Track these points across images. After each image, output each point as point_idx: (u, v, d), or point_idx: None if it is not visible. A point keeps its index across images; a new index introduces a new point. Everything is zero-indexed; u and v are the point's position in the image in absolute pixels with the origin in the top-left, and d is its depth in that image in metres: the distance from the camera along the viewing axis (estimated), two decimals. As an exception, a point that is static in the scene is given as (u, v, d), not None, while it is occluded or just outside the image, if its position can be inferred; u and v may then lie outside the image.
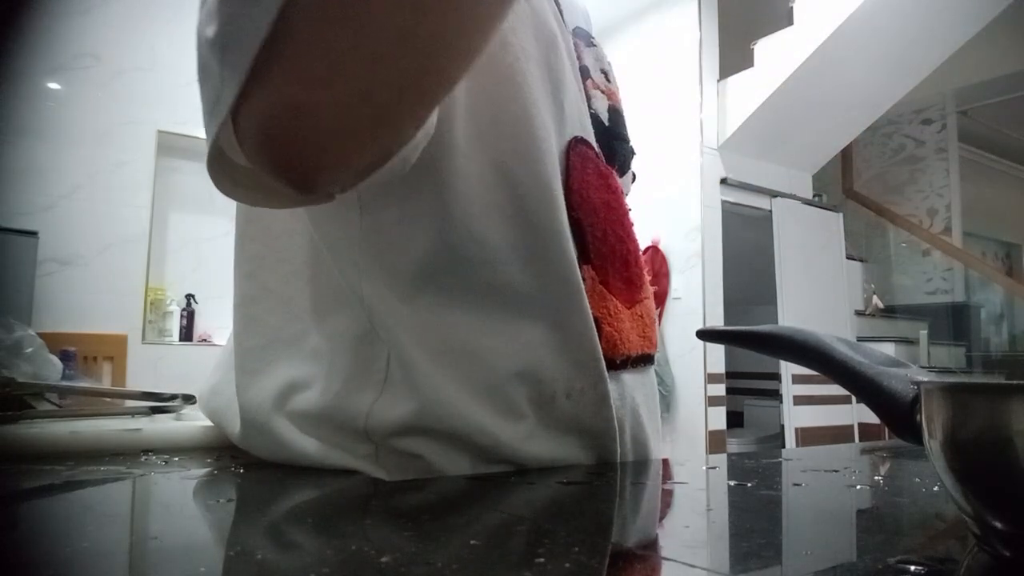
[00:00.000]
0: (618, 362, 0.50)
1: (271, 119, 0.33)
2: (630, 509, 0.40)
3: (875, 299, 4.79)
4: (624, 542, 0.31)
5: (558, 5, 0.53)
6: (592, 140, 0.53)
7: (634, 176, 0.62)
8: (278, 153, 0.34)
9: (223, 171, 0.37)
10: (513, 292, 0.46)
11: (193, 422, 0.59)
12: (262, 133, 0.33)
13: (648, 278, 0.57)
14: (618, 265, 0.52)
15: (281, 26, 0.29)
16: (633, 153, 0.60)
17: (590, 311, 0.47)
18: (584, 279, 0.48)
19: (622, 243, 0.52)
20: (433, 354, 0.44)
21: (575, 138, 0.50)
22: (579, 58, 0.56)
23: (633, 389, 0.52)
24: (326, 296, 0.48)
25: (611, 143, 0.56)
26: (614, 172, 0.55)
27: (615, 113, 0.58)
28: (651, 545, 0.31)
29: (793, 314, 3.96)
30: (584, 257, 0.49)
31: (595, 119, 0.55)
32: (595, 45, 0.60)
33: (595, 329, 0.47)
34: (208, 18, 0.32)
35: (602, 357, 0.48)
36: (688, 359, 3.86)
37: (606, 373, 0.48)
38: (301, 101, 0.32)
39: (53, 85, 3.12)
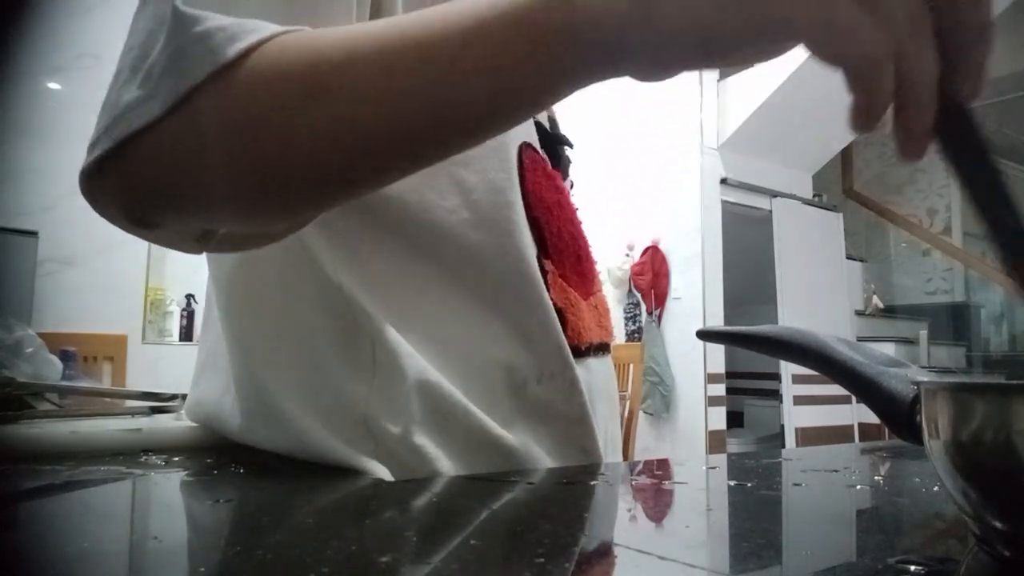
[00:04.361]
0: (583, 349, 0.53)
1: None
2: (630, 509, 0.40)
3: (875, 299, 4.79)
4: (624, 542, 0.31)
5: None
6: (537, 145, 0.56)
7: (571, 183, 0.64)
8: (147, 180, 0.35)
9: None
10: (478, 287, 0.49)
11: (193, 422, 0.59)
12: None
13: (598, 274, 0.61)
14: (572, 260, 0.56)
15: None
16: (569, 161, 0.64)
17: (550, 302, 0.50)
18: (546, 272, 0.51)
19: (574, 240, 0.57)
20: (414, 342, 0.47)
21: (524, 143, 0.53)
22: None
23: (598, 374, 0.56)
24: (301, 291, 0.49)
25: (554, 147, 0.59)
26: (559, 174, 0.59)
27: (552, 120, 0.62)
28: (651, 545, 0.31)
29: (793, 314, 3.96)
30: (543, 252, 0.52)
31: (538, 125, 0.58)
32: None
33: (557, 319, 0.50)
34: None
35: (566, 344, 0.51)
36: (688, 359, 3.86)
37: (572, 360, 0.51)
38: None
39: (53, 85, 3.12)
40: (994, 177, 0.26)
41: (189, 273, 3.45)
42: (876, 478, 0.49)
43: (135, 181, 0.35)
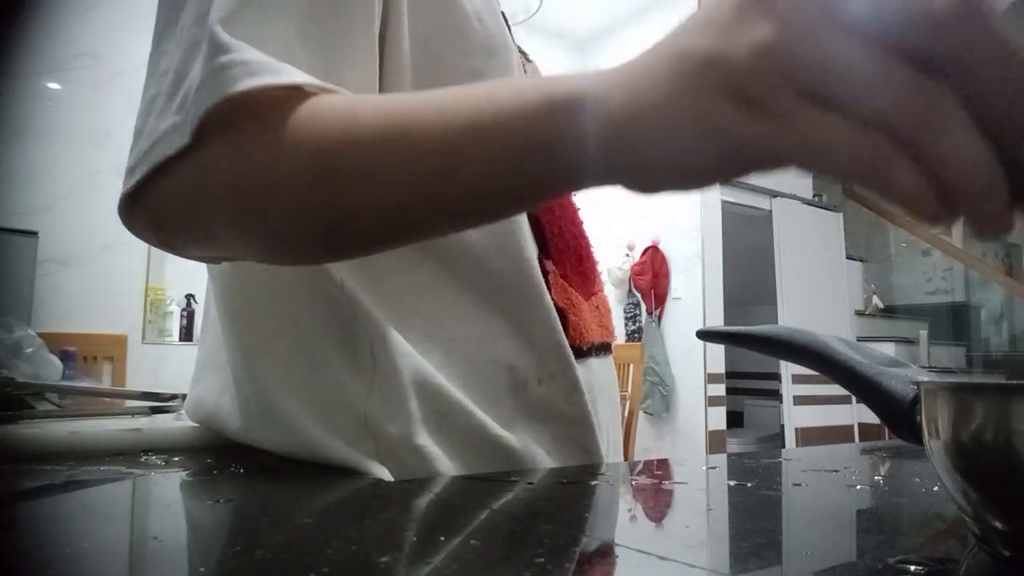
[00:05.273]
0: (585, 349, 0.54)
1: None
2: (630, 509, 0.40)
3: (875, 299, 4.79)
4: (624, 542, 0.31)
5: (505, 20, 0.55)
6: None
7: None
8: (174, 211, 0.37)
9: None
10: (479, 287, 0.49)
11: (193, 422, 0.59)
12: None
13: (599, 274, 0.62)
14: (573, 260, 0.56)
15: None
16: None
17: (551, 302, 0.51)
18: (547, 272, 0.52)
19: (576, 240, 0.57)
20: (414, 342, 0.47)
21: None
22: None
23: (599, 374, 0.56)
24: (300, 290, 0.49)
25: None
26: None
27: None
28: (651, 545, 0.31)
29: (793, 314, 3.95)
30: (544, 252, 0.53)
31: None
32: (531, 61, 0.63)
33: (558, 319, 0.51)
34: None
35: (567, 344, 0.51)
36: (688, 359, 3.85)
37: (573, 360, 0.51)
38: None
39: (53, 85, 3.11)
40: None
41: (189, 273, 3.45)
42: (876, 478, 0.49)
43: (160, 214, 0.37)
